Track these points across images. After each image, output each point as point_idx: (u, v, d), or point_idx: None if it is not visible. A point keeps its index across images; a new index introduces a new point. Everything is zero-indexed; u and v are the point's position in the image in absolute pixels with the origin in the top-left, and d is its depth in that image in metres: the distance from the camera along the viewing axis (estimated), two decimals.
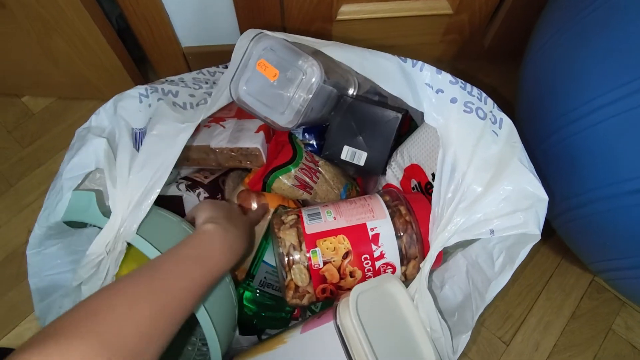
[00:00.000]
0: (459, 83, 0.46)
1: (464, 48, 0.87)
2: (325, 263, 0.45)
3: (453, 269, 0.51)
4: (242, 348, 0.55)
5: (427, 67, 0.46)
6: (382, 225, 0.46)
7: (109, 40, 0.70)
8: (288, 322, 0.57)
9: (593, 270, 0.56)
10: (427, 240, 0.46)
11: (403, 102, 0.47)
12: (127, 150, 0.46)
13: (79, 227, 0.51)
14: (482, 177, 0.43)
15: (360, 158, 0.58)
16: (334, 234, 0.45)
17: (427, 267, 0.43)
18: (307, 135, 0.65)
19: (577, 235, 0.53)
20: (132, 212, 0.43)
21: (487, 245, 0.47)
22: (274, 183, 0.56)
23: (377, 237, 0.45)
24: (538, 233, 0.42)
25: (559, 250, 0.74)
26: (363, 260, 0.45)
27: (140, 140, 0.48)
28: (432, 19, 0.78)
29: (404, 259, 0.46)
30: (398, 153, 0.59)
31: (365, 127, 0.56)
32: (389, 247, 0.45)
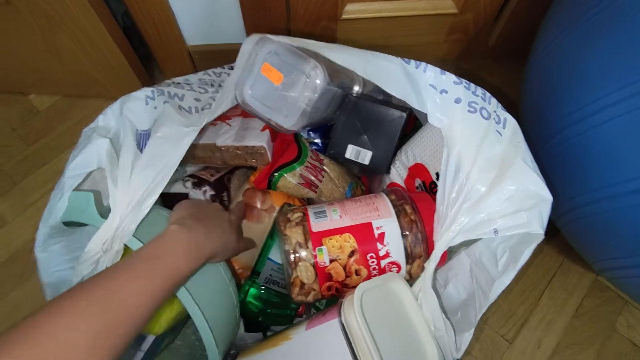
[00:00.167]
0: (463, 83, 0.46)
1: (469, 47, 0.87)
2: (332, 261, 0.45)
3: (457, 268, 0.51)
4: (247, 345, 0.55)
5: (430, 67, 0.45)
6: (387, 224, 0.46)
7: (115, 38, 0.70)
8: (293, 319, 0.57)
9: (596, 269, 0.56)
10: (432, 240, 0.46)
11: None
12: (130, 151, 0.46)
13: (79, 226, 0.50)
14: (486, 176, 0.43)
15: (365, 157, 0.58)
16: (340, 233, 0.45)
17: (431, 266, 0.43)
18: (311, 134, 0.65)
19: (581, 235, 0.54)
20: (131, 212, 0.43)
21: (490, 244, 0.47)
22: (280, 181, 0.57)
23: (382, 235, 0.45)
24: (542, 232, 0.42)
25: (562, 250, 0.74)
26: (369, 259, 0.45)
27: (144, 142, 0.48)
28: (436, 18, 0.78)
29: (409, 258, 0.46)
30: (402, 152, 0.59)
31: (370, 126, 0.56)
32: (395, 246, 0.45)
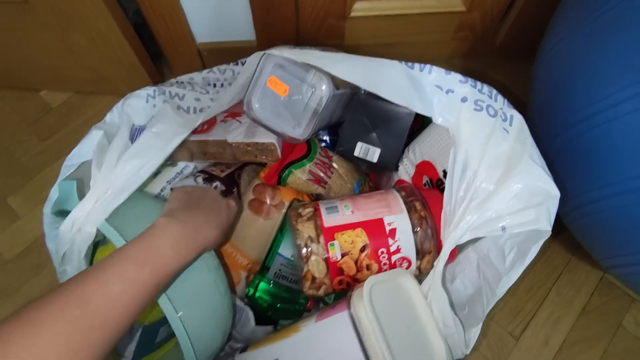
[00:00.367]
0: (469, 82, 0.46)
1: (475, 45, 0.87)
2: (343, 256, 0.46)
3: (464, 263, 0.52)
4: (257, 338, 0.56)
5: (435, 69, 0.46)
6: (399, 220, 0.46)
7: (127, 36, 0.71)
8: (301, 314, 0.58)
9: (604, 266, 0.56)
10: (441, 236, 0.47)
11: None
12: (121, 141, 0.47)
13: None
14: (493, 174, 0.43)
15: (374, 154, 0.58)
16: (352, 228, 0.46)
17: (440, 264, 0.44)
18: (320, 131, 0.66)
19: (589, 231, 0.54)
20: (109, 196, 0.43)
21: (498, 241, 0.47)
22: (289, 177, 0.57)
23: (394, 231, 0.46)
24: (549, 229, 0.42)
25: (570, 247, 0.74)
26: (380, 254, 0.46)
27: (137, 136, 0.49)
28: (444, 16, 0.78)
29: (419, 254, 0.47)
30: (410, 150, 0.60)
31: (379, 123, 0.57)
32: (405, 241, 0.46)
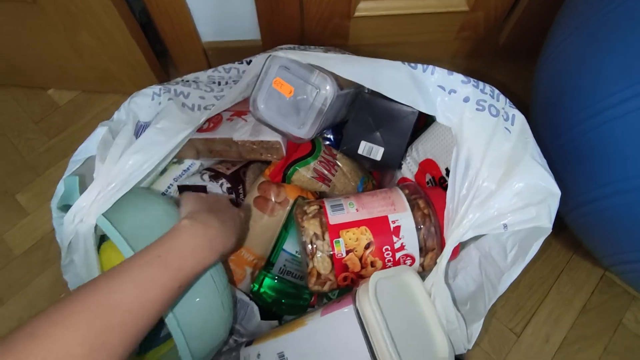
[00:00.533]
0: (471, 82, 0.46)
1: (478, 45, 0.87)
2: (348, 252, 0.47)
3: (466, 260, 0.52)
4: (262, 333, 0.57)
5: (437, 70, 0.46)
6: (403, 218, 0.47)
7: (134, 35, 0.72)
8: (305, 309, 0.59)
9: (605, 264, 0.57)
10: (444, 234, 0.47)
11: None
12: (126, 136, 0.48)
13: None
14: (495, 173, 0.44)
15: (377, 153, 0.59)
16: (357, 225, 0.47)
17: (443, 262, 0.44)
18: (324, 130, 0.66)
19: (591, 229, 0.54)
20: (112, 189, 0.44)
21: (500, 238, 0.48)
22: (294, 175, 0.58)
23: (398, 229, 0.47)
24: (550, 226, 0.42)
25: (571, 246, 0.74)
26: (384, 251, 0.47)
27: (142, 132, 0.50)
28: (447, 16, 0.78)
29: (423, 251, 0.47)
30: (413, 148, 0.60)
31: (383, 122, 0.57)
32: (409, 239, 0.47)
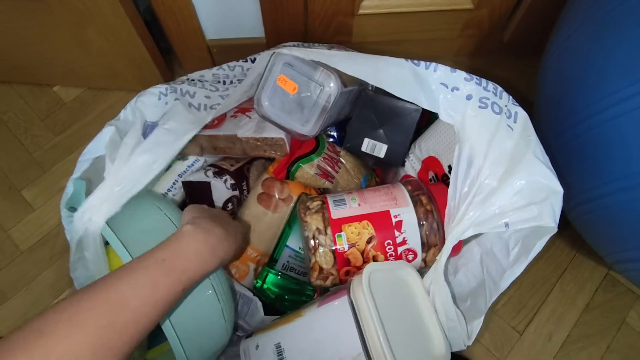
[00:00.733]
0: (474, 79, 0.46)
1: (483, 43, 0.87)
2: (350, 247, 0.47)
3: (467, 257, 0.52)
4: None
5: (440, 67, 0.46)
6: (405, 213, 0.47)
7: (139, 33, 0.72)
8: None
9: (609, 262, 0.57)
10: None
11: None
12: (134, 136, 0.49)
13: None
14: (497, 171, 0.44)
15: (381, 150, 0.59)
16: (359, 220, 0.47)
17: (442, 259, 0.45)
18: (328, 127, 0.67)
19: (594, 227, 0.54)
20: (121, 189, 0.45)
21: (502, 235, 0.48)
22: (298, 171, 0.58)
23: (400, 224, 0.47)
24: (553, 225, 0.42)
25: (574, 244, 0.74)
26: (386, 246, 0.47)
27: (150, 132, 0.51)
28: (451, 14, 0.78)
29: (425, 246, 0.48)
30: (416, 145, 0.61)
31: (386, 120, 0.58)
32: (411, 233, 0.47)
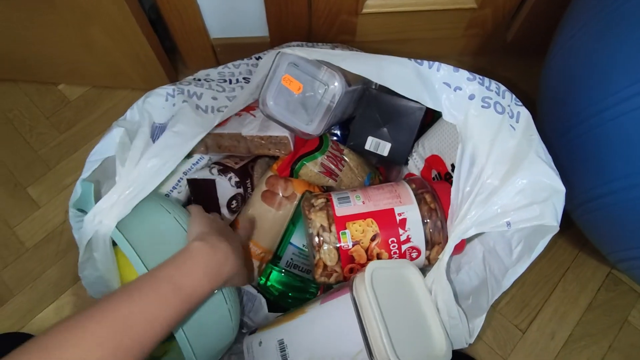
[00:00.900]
0: (477, 79, 0.46)
1: (486, 42, 0.87)
2: (354, 244, 0.47)
3: (470, 255, 0.53)
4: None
5: (444, 66, 0.46)
6: (409, 211, 0.47)
7: (144, 31, 0.73)
8: None
9: (612, 261, 0.57)
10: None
11: None
12: (143, 139, 0.49)
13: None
14: (499, 170, 0.44)
15: (384, 149, 0.59)
16: (363, 217, 0.47)
17: (445, 258, 0.45)
18: (332, 126, 0.67)
19: (597, 226, 0.54)
20: (131, 192, 0.45)
21: (505, 234, 0.48)
22: (302, 169, 0.59)
23: (404, 221, 0.47)
24: (556, 225, 0.42)
25: (577, 243, 0.74)
26: (390, 243, 0.47)
27: (158, 134, 0.51)
28: (455, 13, 0.78)
29: (429, 244, 0.48)
30: (419, 144, 0.61)
31: (390, 118, 0.58)
32: (415, 232, 0.47)
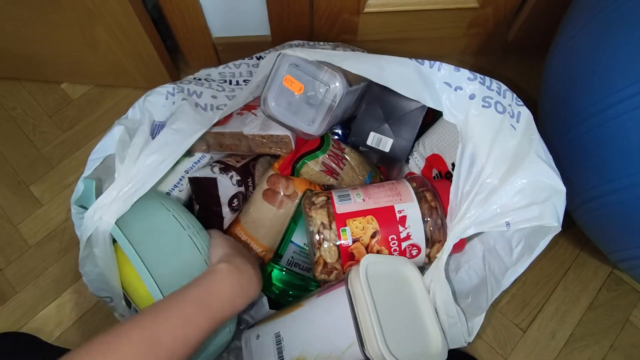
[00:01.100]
0: (478, 78, 0.46)
1: (487, 42, 0.87)
2: (354, 241, 0.47)
3: (469, 254, 0.53)
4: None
5: (444, 66, 0.46)
6: (409, 208, 0.48)
7: (147, 31, 0.73)
8: None
9: (613, 260, 0.57)
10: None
11: None
12: (143, 136, 0.49)
13: None
14: (499, 170, 0.44)
15: (386, 145, 0.59)
16: (363, 215, 0.47)
17: (443, 257, 0.45)
18: (333, 126, 0.67)
19: (599, 225, 0.54)
20: (130, 189, 0.46)
21: (505, 233, 0.48)
22: (303, 168, 0.59)
23: (404, 219, 0.47)
24: (557, 225, 0.42)
25: (578, 243, 0.74)
26: (390, 240, 0.47)
27: (157, 132, 0.52)
28: (456, 13, 0.78)
29: (429, 242, 0.48)
30: (420, 143, 0.61)
31: (392, 115, 0.58)
32: (415, 229, 0.47)
